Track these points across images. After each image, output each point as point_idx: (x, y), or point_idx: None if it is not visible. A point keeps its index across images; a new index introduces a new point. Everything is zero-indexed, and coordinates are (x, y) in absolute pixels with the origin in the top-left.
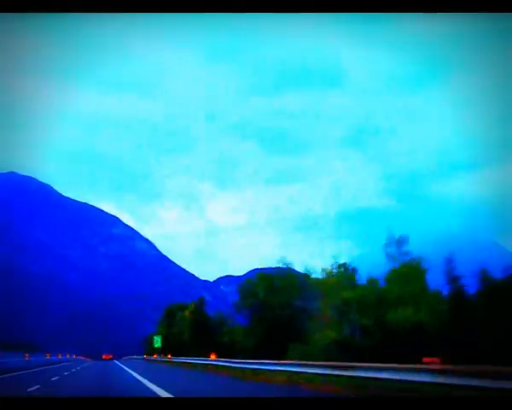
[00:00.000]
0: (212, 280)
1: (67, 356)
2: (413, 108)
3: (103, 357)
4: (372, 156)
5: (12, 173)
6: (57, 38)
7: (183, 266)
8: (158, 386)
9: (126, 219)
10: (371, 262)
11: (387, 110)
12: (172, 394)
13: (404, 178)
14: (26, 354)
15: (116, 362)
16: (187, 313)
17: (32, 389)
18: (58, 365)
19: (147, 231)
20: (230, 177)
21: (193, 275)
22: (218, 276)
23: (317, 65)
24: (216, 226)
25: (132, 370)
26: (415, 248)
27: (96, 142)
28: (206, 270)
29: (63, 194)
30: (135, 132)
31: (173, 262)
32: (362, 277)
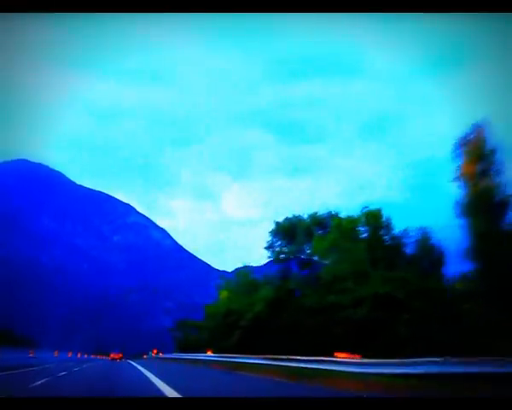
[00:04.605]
0: (230, 271)
1: (78, 355)
2: (432, 96)
3: (111, 357)
4: (390, 146)
5: (24, 161)
6: (71, 28)
7: (199, 257)
8: None
9: (140, 208)
10: None
11: (406, 99)
12: None
13: (423, 168)
14: (31, 351)
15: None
16: None
17: None
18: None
19: (161, 222)
20: (245, 167)
21: (209, 265)
22: (236, 266)
23: (333, 54)
24: (231, 217)
25: None
26: None
27: (109, 131)
28: (223, 260)
29: (76, 182)
30: (148, 122)
31: (189, 252)
32: None
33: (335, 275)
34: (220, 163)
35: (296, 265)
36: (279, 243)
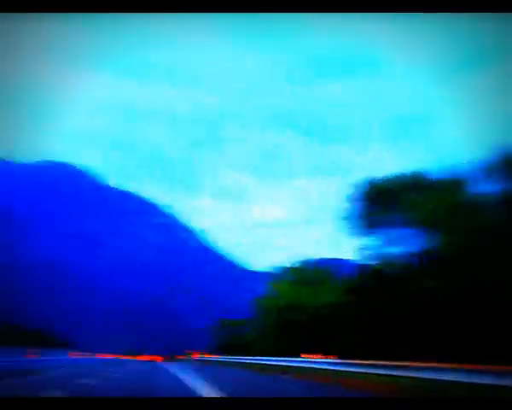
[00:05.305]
0: (261, 271)
1: (113, 357)
2: (456, 96)
3: (147, 359)
4: (415, 145)
5: (51, 162)
6: (94, 27)
7: (227, 257)
8: None
9: (167, 208)
10: None
11: (429, 99)
12: None
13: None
14: (70, 353)
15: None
16: None
17: None
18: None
19: (188, 222)
20: (273, 168)
21: (241, 266)
22: (268, 267)
23: (356, 54)
24: (259, 218)
25: None
26: None
27: (136, 131)
28: (253, 261)
29: (103, 182)
30: (175, 122)
31: (219, 252)
32: None
33: (464, 249)
34: (245, 163)
35: (389, 239)
36: (360, 210)
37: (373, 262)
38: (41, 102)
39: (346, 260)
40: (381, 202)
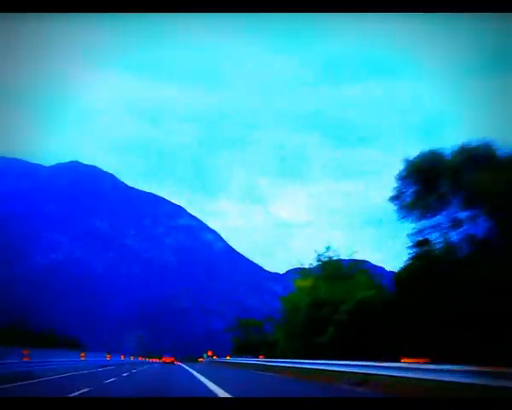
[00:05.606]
0: (281, 273)
1: (131, 358)
2: (484, 96)
3: (163, 360)
4: (447, 145)
5: (76, 163)
6: (120, 29)
7: (251, 259)
8: None
9: (191, 210)
10: None
11: (457, 99)
12: None
13: None
14: (82, 354)
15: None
16: None
17: None
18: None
19: (212, 224)
20: (295, 170)
21: (261, 267)
22: (288, 268)
23: (386, 54)
24: (281, 219)
25: None
26: None
27: (159, 133)
28: (273, 263)
29: (127, 184)
30: (199, 124)
31: (240, 254)
32: None
33: None
34: (270, 165)
35: (450, 222)
36: (412, 189)
37: (429, 249)
38: (66, 104)
39: (369, 262)
40: (439, 180)
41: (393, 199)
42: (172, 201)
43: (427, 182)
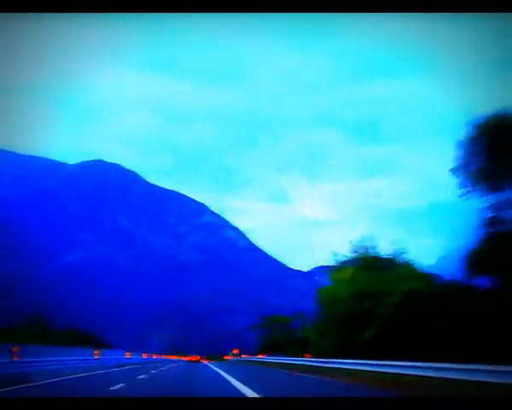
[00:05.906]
0: (305, 270)
1: (153, 357)
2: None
3: (188, 359)
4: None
5: (99, 161)
6: (142, 29)
7: (274, 256)
8: None
9: (214, 208)
10: None
11: (482, 97)
12: None
13: None
14: (96, 352)
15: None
16: None
17: None
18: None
19: (234, 221)
20: (318, 168)
21: (284, 265)
22: (312, 266)
23: (405, 52)
24: (305, 217)
25: None
26: None
27: (182, 131)
28: (298, 260)
29: (150, 182)
30: (222, 122)
31: (263, 251)
32: None
33: None
34: (293, 163)
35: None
36: (484, 156)
37: (501, 229)
38: (90, 103)
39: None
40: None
41: (457, 170)
42: (195, 198)
43: (505, 145)
